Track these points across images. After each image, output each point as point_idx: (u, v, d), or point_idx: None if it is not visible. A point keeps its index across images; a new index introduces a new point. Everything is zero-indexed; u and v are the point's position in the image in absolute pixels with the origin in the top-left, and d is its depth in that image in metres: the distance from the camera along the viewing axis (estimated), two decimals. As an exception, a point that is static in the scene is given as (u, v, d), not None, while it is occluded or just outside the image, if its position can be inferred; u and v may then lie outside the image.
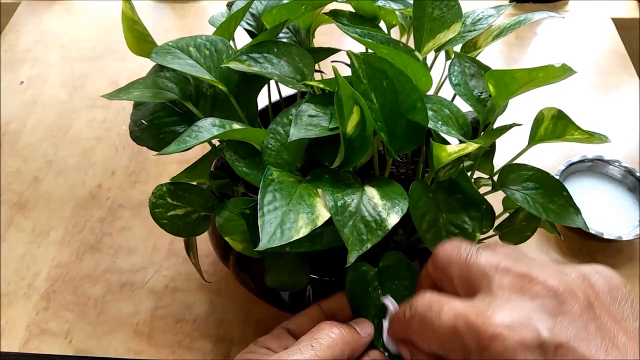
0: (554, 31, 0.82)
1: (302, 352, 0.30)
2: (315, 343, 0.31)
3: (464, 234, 0.35)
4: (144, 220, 0.61)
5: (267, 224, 0.31)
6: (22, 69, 0.78)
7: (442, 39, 0.41)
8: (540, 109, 0.37)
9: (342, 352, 0.31)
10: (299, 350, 0.30)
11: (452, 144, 0.34)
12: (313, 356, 0.30)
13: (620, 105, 0.72)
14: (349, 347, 0.32)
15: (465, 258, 0.28)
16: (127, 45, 0.41)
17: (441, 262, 0.30)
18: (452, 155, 0.32)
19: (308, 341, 0.31)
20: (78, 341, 0.52)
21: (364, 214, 0.32)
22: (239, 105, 0.40)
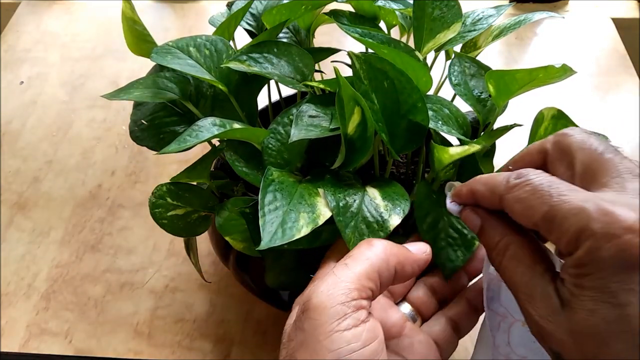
0: (554, 31, 0.82)
1: (335, 273, 0.28)
2: (350, 260, 0.28)
3: (463, 239, 0.35)
4: (144, 220, 0.61)
5: (269, 223, 0.31)
6: (22, 69, 0.78)
7: (442, 39, 0.41)
8: (540, 109, 0.37)
9: (386, 263, 0.28)
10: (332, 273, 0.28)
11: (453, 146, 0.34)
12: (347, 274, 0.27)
13: (620, 105, 0.72)
14: (394, 259, 0.29)
15: (601, 151, 0.26)
16: (127, 45, 0.41)
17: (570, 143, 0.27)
18: (453, 157, 0.32)
19: (342, 260, 0.29)
20: (78, 341, 0.52)
21: (366, 214, 0.32)
22: (239, 105, 0.40)
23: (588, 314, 0.23)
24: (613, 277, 0.23)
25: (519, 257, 0.27)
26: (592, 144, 0.27)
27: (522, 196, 0.26)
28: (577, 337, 0.24)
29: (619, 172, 0.25)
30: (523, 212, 0.26)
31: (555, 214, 0.24)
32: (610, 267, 0.23)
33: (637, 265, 0.22)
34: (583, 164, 0.26)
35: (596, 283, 0.23)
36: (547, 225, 0.25)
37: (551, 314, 0.25)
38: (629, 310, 0.22)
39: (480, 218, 0.29)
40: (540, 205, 0.25)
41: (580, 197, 0.24)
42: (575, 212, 0.24)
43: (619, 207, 0.23)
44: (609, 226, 0.23)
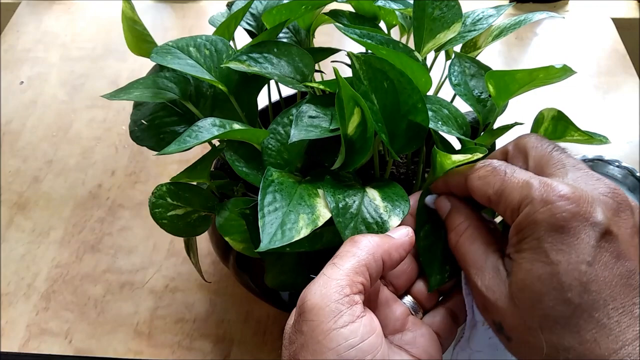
0: (554, 31, 0.82)
1: (324, 274, 0.29)
2: (337, 259, 0.29)
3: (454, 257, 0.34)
4: (144, 220, 0.61)
5: (268, 224, 0.30)
6: (22, 69, 0.78)
7: (442, 39, 0.41)
8: (540, 110, 0.37)
9: (372, 255, 0.29)
10: (322, 274, 0.29)
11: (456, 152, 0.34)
12: (337, 273, 0.28)
13: (620, 105, 0.72)
14: (379, 250, 0.30)
15: (550, 150, 0.30)
16: (127, 45, 0.41)
17: (526, 143, 0.31)
18: (456, 163, 0.32)
19: (330, 261, 0.30)
20: (78, 341, 0.52)
21: (365, 215, 0.32)
22: (239, 105, 0.40)
23: (524, 275, 0.27)
24: (546, 237, 0.26)
25: (474, 236, 0.31)
26: (543, 144, 0.31)
27: (482, 174, 0.30)
28: (516, 300, 0.27)
29: (564, 165, 0.29)
30: (480, 188, 0.30)
31: (505, 187, 0.29)
32: (544, 228, 0.26)
33: (566, 228, 0.26)
34: (535, 160, 0.30)
35: (532, 244, 0.27)
36: (497, 197, 0.29)
37: (496, 283, 0.28)
38: (558, 268, 0.26)
39: (449, 203, 0.33)
40: (495, 181, 0.29)
41: (528, 175, 0.28)
42: (521, 184, 0.28)
43: (557, 182, 0.27)
44: (546, 194, 0.27)
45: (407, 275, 0.34)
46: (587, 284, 0.25)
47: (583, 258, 0.25)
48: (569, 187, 0.27)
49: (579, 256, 0.25)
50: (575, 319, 0.25)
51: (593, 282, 0.25)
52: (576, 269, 0.25)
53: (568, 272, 0.25)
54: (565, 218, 0.26)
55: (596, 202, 0.26)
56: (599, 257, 0.26)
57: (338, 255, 0.30)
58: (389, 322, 0.32)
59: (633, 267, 0.26)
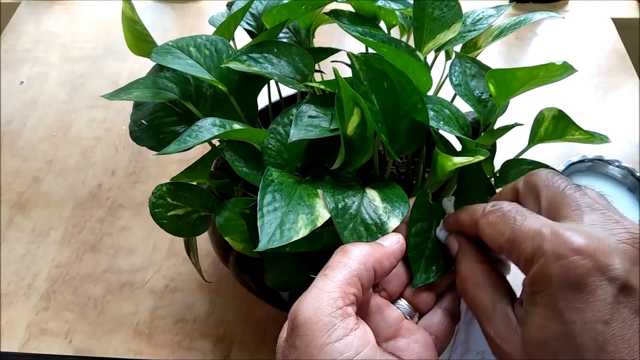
0: (554, 31, 0.82)
1: (316, 286, 0.28)
2: (328, 270, 0.29)
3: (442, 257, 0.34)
4: (144, 220, 0.61)
5: (267, 224, 0.30)
6: (22, 69, 0.78)
7: (442, 39, 0.41)
8: (541, 109, 0.37)
9: (364, 265, 0.29)
10: (314, 286, 0.29)
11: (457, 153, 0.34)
12: (328, 285, 0.28)
13: (620, 105, 0.72)
14: (371, 259, 0.29)
15: (563, 188, 0.29)
16: (127, 45, 0.41)
17: (536, 180, 0.30)
18: (457, 165, 0.32)
19: (321, 272, 0.29)
20: (78, 341, 0.52)
21: (365, 216, 0.32)
22: (239, 105, 0.40)
23: (539, 330, 0.26)
24: (560, 294, 0.25)
25: (480, 283, 0.30)
26: (555, 181, 0.29)
27: (492, 221, 0.29)
28: (530, 354, 0.26)
29: (579, 205, 0.27)
30: (492, 235, 0.29)
31: (517, 236, 0.27)
32: (557, 285, 0.25)
33: (581, 284, 0.24)
34: (547, 200, 0.29)
35: (546, 300, 0.25)
36: (509, 246, 0.28)
37: (508, 333, 0.27)
38: (573, 328, 0.24)
39: (457, 244, 0.32)
40: (506, 229, 0.28)
41: (540, 222, 0.27)
42: (532, 234, 0.26)
43: (571, 232, 0.25)
44: (558, 247, 0.25)
45: (399, 279, 0.34)
46: (604, 345, 0.24)
47: (600, 317, 0.24)
48: (584, 238, 0.25)
49: (595, 315, 0.24)
50: None
51: (610, 342, 0.24)
52: (592, 329, 0.24)
53: (584, 332, 0.24)
54: (580, 275, 0.24)
55: (614, 252, 0.25)
56: (616, 314, 0.24)
57: (329, 266, 0.29)
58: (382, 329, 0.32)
59: None
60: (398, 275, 0.34)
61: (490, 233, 0.29)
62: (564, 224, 0.27)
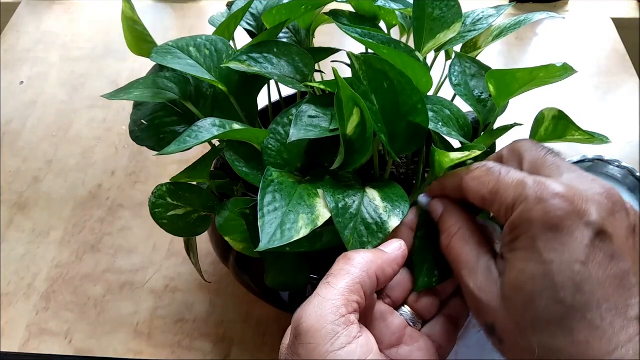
0: (554, 31, 0.82)
1: (319, 294, 0.28)
2: (331, 278, 0.29)
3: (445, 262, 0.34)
4: (144, 220, 0.61)
5: (267, 224, 0.30)
6: (22, 69, 0.78)
7: (442, 39, 0.41)
8: (541, 110, 0.37)
9: (367, 273, 0.29)
10: (317, 294, 0.29)
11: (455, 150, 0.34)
12: (331, 293, 0.28)
13: (620, 105, 0.72)
14: (373, 266, 0.30)
15: (544, 153, 0.30)
16: (127, 45, 0.41)
17: (520, 146, 0.31)
18: (454, 161, 0.32)
19: (324, 280, 0.29)
20: (78, 341, 0.52)
21: (365, 216, 0.32)
22: (239, 105, 0.40)
23: (517, 274, 0.26)
24: (540, 236, 0.26)
25: (466, 238, 0.31)
26: (537, 147, 0.31)
27: (477, 175, 0.30)
28: (508, 301, 0.27)
29: (559, 167, 0.29)
30: (475, 187, 0.30)
31: (499, 186, 0.29)
32: (537, 227, 0.26)
33: (559, 226, 0.26)
34: (529, 163, 0.30)
35: (525, 243, 0.26)
36: (492, 197, 0.29)
37: (488, 284, 0.28)
38: (552, 268, 0.25)
39: (442, 205, 0.33)
40: (489, 181, 0.29)
41: (523, 174, 0.28)
42: (515, 183, 0.28)
43: (552, 181, 0.27)
44: (540, 192, 0.26)
45: (402, 286, 0.34)
46: (581, 284, 0.25)
47: (577, 257, 0.25)
48: (564, 186, 0.26)
49: (572, 255, 0.25)
50: (568, 320, 0.25)
51: (586, 282, 0.25)
52: (570, 269, 0.25)
53: (561, 271, 0.25)
54: (560, 217, 0.26)
55: (591, 201, 0.26)
56: (593, 256, 0.25)
57: (332, 273, 0.29)
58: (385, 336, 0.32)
59: (627, 267, 0.25)
60: (402, 282, 0.34)
61: (474, 186, 0.30)
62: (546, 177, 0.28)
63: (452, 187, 0.32)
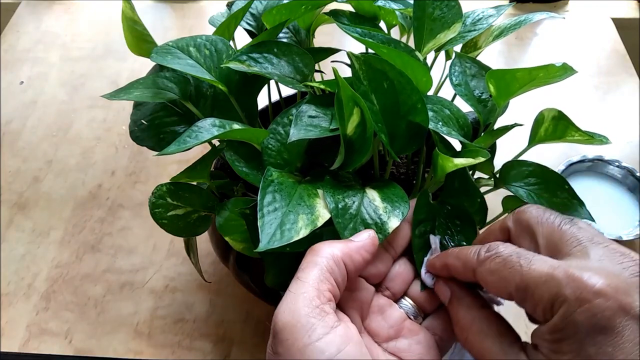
0: (554, 31, 0.82)
1: (290, 290, 0.28)
2: (300, 273, 0.29)
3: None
4: (144, 220, 0.61)
5: (267, 225, 0.30)
6: (22, 69, 0.78)
7: (443, 39, 0.41)
8: (541, 110, 0.37)
9: (333, 261, 0.29)
10: (288, 291, 0.28)
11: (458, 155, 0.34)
12: (302, 286, 0.28)
13: (620, 105, 0.72)
14: (339, 254, 0.29)
15: (558, 223, 0.28)
16: (127, 45, 0.41)
17: (528, 219, 0.29)
18: (457, 166, 0.32)
19: (294, 276, 0.29)
20: (78, 341, 0.52)
21: (365, 216, 0.32)
22: (239, 105, 0.40)
23: None
24: (589, 340, 0.24)
25: (484, 331, 0.29)
26: (548, 217, 0.29)
27: (493, 268, 0.28)
28: None
29: (579, 240, 0.27)
30: (497, 284, 0.28)
31: (527, 283, 0.26)
32: (584, 331, 0.24)
33: (608, 328, 0.24)
34: (544, 237, 0.28)
35: (573, 347, 0.25)
36: (521, 294, 0.27)
37: None
38: None
39: (449, 290, 0.31)
40: (513, 276, 0.27)
41: (549, 264, 0.26)
42: (545, 279, 0.26)
43: (586, 272, 0.25)
44: (579, 291, 0.25)
45: (402, 277, 0.34)
46: None
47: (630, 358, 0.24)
48: (601, 278, 0.25)
49: (625, 356, 0.24)
50: None
51: None
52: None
53: None
54: (607, 317, 0.24)
55: (631, 288, 0.25)
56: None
57: (300, 268, 0.29)
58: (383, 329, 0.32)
59: None
60: (401, 274, 0.34)
61: (494, 281, 0.28)
62: (573, 263, 0.26)
63: (463, 274, 0.30)
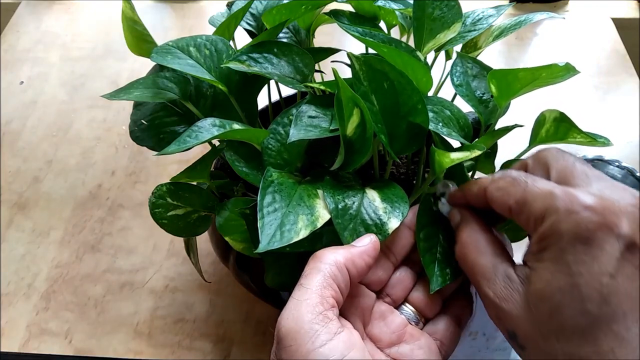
0: (554, 31, 0.82)
1: (294, 297, 0.29)
2: (303, 279, 0.29)
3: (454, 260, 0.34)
4: (144, 220, 0.61)
5: (267, 225, 0.30)
6: (22, 69, 0.78)
7: (443, 39, 0.41)
8: (542, 111, 0.37)
9: (336, 267, 0.29)
10: (292, 297, 0.29)
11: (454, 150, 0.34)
12: (305, 293, 0.28)
13: (620, 105, 0.72)
14: (342, 259, 0.30)
15: (572, 161, 0.29)
16: (127, 45, 0.41)
17: (547, 155, 0.31)
18: (455, 161, 0.32)
19: (298, 283, 0.29)
20: (78, 341, 0.52)
21: (365, 217, 0.32)
22: (239, 105, 0.40)
23: (544, 285, 0.26)
24: (569, 248, 0.26)
25: (482, 248, 0.31)
26: (565, 156, 0.30)
27: (501, 184, 0.30)
28: (532, 310, 0.27)
29: (587, 176, 0.28)
30: (500, 198, 0.29)
31: (527, 197, 0.28)
32: (567, 239, 0.26)
33: (590, 239, 0.25)
34: (557, 171, 0.29)
35: (554, 254, 0.26)
36: (519, 207, 0.28)
37: (509, 293, 0.28)
38: (579, 280, 0.25)
39: (460, 215, 0.33)
40: (516, 191, 0.29)
41: (551, 184, 0.28)
42: (544, 194, 0.27)
43: (582, 192, 0.27)
44: (570, 204, 0.26)
45: (402, 284, 0.34)
46: (608, 296, 0.25)
47: (605, 270, 0.25)
48: (595, 197, 0.26)
49: (601, 268, 0.25)
50: (593, 330, 0.25)
51: (614, 294, 0.25)
52: (597, 281, 0.25)
53: (589, 283, 0.25)
54: (590, 229, 0.25)
55: (622, 213, 0.26)
56: (622, 269, 0.25)
57: (303, 275, 0.30)
58: (384, 335, 0.32)
59: None
60: (402, 280, 0.34)
61: (499, 196, 0.29)
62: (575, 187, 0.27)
63: (475, 196, 0.32)
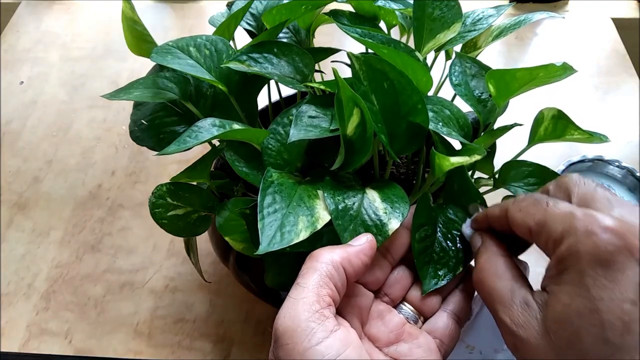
0: (554, 31, 0.82)
1: (290, 296, 0.29)
2: (300, 279, 0.29)
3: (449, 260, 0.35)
4: (144, 220, 0.61)
5: (267, 227, 0.30)
6: (22, 69, 0.78)
7: (442, 39, 0.41)
8: (540, 109, 0.37)
9: (332, 265, 0.29)
10: (288, 296, 0.29)
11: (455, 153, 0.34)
12: (302, 292, 0.28)
13: (620, 105, 0.72)
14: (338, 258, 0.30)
15: (594, 187, 0.29)
16: (127, 45, 0.41)
17: (568, 181, 0.30)
18: (454, 164, 0.32)
19: (295, 282, 0.30)
20: (78, 341, 0.52)
21: (365, 218, 0.32)
22: (239, 105, 0.40)
23: (563, 308, 0.25)
24: (588, 271, 0.25)
25: (499, 273, 0.30)
26: (586, 182, 0.30)
27: (522, 205, 0.29)
28: (551, 337, 0.26)
29: (609, 201, 0.28)
30: (521, 219, 0.29)
31: (547, 218, 0.27)
32: (586, 261, 0.25)
33: (610, 262, 0.24)
34: (579, 197, 0.29)
35: (573, 277, 0.25)
36: (539, 228, 0.28)
37: (527, 319, 0.27)
38: (599, 305, 0.24)
39: (480, 240, 0.32)
40: (536, 211, 0.28)
41: (572, 207, 0.27)
42: (564, 215, 0.27)
43: (602, 214, 0.26)
44: (590, 225, 0.25)
45: (400, 283, 0.34)
46: (630, 324, 0.24)
47: (627, 296, 0.24)
48: (615, 220, 0.25)
49: (622, 294, 0.24)
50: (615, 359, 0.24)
51: (635, 322, 0.24)
52: (619, 308, 0.24)
53: (610, 310, 0.24)
54: (610, 252, 0.24)
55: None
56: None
57: (300, 274, 0.30)
58: (383, 334, 0.32)
59: None
60: (399, 280, 0.34)
61: (520, 217, 0.29)
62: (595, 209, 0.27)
63: (498, 218, 0.31)
